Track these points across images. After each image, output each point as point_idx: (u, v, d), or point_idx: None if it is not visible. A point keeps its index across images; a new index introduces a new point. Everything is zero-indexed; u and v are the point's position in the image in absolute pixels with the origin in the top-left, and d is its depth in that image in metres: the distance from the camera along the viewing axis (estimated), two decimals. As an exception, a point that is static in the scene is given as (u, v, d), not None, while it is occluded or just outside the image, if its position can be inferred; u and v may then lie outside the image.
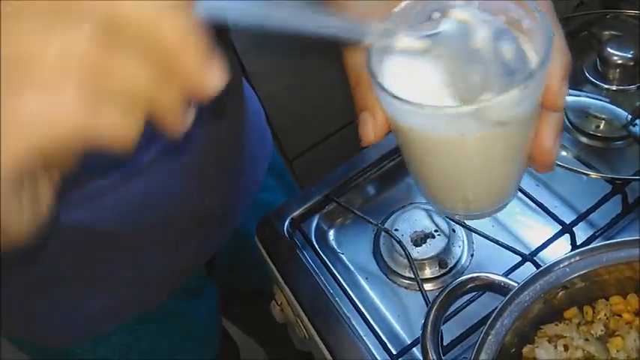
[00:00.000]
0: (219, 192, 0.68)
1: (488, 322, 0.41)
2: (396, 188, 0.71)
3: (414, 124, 0.30)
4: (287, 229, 0.68)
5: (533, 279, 0.42)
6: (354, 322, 0.60)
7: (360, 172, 0.70)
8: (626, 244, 0.44)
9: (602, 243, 0.43)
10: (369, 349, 0.57)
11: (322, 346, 0.61)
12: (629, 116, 0.68)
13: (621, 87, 0.65)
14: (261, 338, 1.07)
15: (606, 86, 0.65)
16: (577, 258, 0.43)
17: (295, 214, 0.68)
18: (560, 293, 0.43)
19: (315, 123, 1.16)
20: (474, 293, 0.54)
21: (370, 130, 0.33)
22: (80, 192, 0.51)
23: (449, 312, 0.54)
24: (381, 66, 0.32)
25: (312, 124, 1.16)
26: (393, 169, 0.71)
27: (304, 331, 0.65)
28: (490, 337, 0.40)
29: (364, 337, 0.58)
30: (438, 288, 0.61)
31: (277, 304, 0.70)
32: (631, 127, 0.67)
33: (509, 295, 0.41)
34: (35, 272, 0.54)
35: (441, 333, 0.53)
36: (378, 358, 0.56)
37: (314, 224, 0.69)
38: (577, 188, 0.61)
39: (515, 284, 0.42)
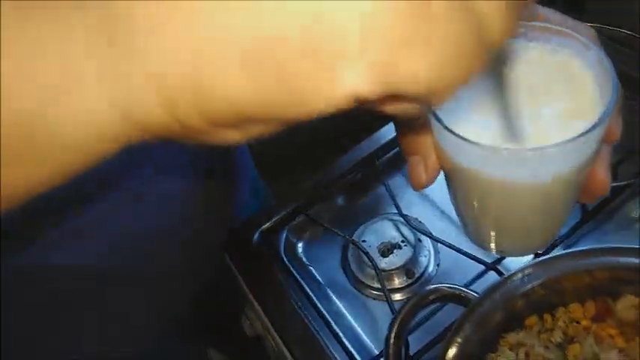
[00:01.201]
0: (207, 218, 0.66)
1: (450, 334, 0.42)
2: (364, 200, 0.72)
3: (485, 168, 0.29)
4: (256, 242, 0.68)
5: (493, 289, 0.43)
6: (322, 335, 0.60)
7: (329, 185, 0.71)
8: (583, 253, 0.45)
9: (560, 252, 0.45)
10: (335, 356, 0.58)
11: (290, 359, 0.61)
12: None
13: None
14: None
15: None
16: (536, 267, 0.44)
17: (264, 227, 0.68)
18: (520, 302, 0.45)
19: (287, 134, 1.16)
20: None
21: (422, 174, 0.32)
22: (61, 230, 0.49)
23: (416, 321, 0.55)
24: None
25: (284, 135, 1.16)
26: (361, 181, 0.72)
27: (274, 344, 0.65)
28: (452, 349, 0.41)
29: (332, 350, 0.59)
30: (406, 298, 0.62)
31: (247, 317, 0.70)
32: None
33: (469, 307, 0.42)
34: (20, 321, 0.52)
35: (408, 343, 0.54)
36: (343, 365, 0.57)
37: (283, 237, 0.69)
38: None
39: (475, 295, 0.43)
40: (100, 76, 0.19)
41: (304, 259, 0.68)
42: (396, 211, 0.65)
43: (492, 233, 0.36)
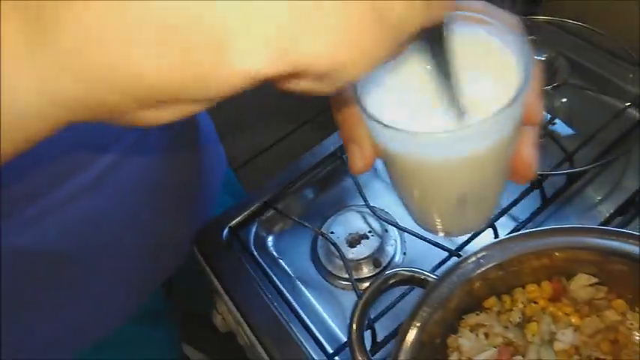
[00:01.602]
0: (173, 208, 0.67)
1: (409, 315, 0.43)
2: (332, 192, 0.73)
3: (409, 151, 0.30)
4: (226, 237, 0.69)
5: (450, 271, 0.44)
6: (292, 326, 0.61)
7: (298, 179, 0.72)
8: (538, 234, 0.47)
9: (516, 234, 0.46)
10: (307, 350, 0.59)
11: (262, 351, 0.62)
12: (549, 116, 0.73)
13: (538, 89, 0.69)
14: None
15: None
16: (492, 249, 0.46)
17: (234, 222, 0.69)
18: (477, 283, 0.46)
19: (260, 131, 1.17)
20: (405, 288, 0.57)
21: (359, 161, 0.33)
22: (24, 213, 0.50)
23: (383, 307, 0.57)
24: (368, 94, 0.31)
25: (256, 132, 1.17)
26: (329, 174, 0.73)
27: (246, 338, 0.66)
28: (411, 329, 0.43)
29: (302, 340, 0.60)
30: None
31: (218, 312, 0.71)
32: (550, 126, 0.72)
33: (427, 289, 0.44)
34: None
35: (375, 330, 0.55)
36: (313, 354, 0.58)
37: (253, 231, 0.70)
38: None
39: (434, 277, 0.44)
40: (23, 53, 0.19)
41: (274, 253, 0.69)
42: (364, 203, 0.66)
43: (431, 215, 0.38)
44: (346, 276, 0.64)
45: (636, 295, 0.47)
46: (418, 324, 0.43)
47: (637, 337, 0.46)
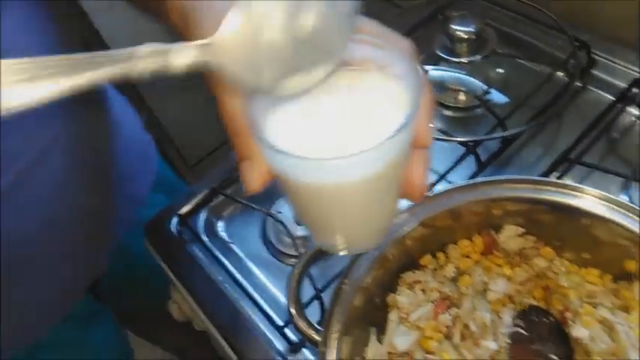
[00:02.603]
0: (88, 219, 0.66)
1: (344, 272, 0.45)
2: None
3: (299, 176, 0.30)
4: (175, 226, 0.70)
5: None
6: (247, 309, 0.63)
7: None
8: (465, 187, 0.49)
9: (442, 190, 0.49)
10: (259, 326, 0.60)
11: (218, 336, 0.63)
12: (484, 87, 0.76)
13: (470, 58, 0.73)
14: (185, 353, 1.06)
15: (456, 60, 0.73)
16: (420, 206, 0.48)
17: (182, 211, 0.70)
18: (410, 240, 0.49)
19: (213, 127, 1.18)
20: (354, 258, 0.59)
21: (254, 180, 0.32)
22: None
23: (330, 278, 0.59)
24: (265, 113, 0.31)
25: (209, 128, 1.18)
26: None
27: (202, 324, 0.67)
28: (346, 287, 0.45)
29: (257, 321, 0.61)
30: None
31: (174, 302, 0.72)
32: (485, 96, 0.75)
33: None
34: None
35: (322, 300, 0.57)
36: (266, 332, 0.59)
37: (202, 219, 0.71)
38: (437, 154, 0.67)
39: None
40: None
41: (225, 237, 0.71)
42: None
43: (326, 235, 0.38)
44: (296, 253, 0.65)
45: (563, 242, 0.50)
46: (353, 280, 0.45)
47: (564, 282, 0.49)
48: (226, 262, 0.65)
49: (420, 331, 0.48)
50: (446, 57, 0.73)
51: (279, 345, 0.59)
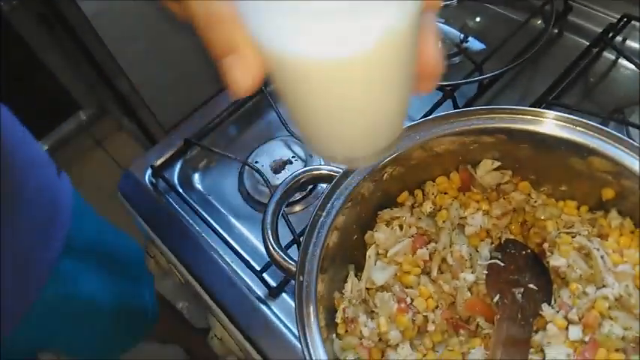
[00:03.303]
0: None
1: (319, 204, 0.44)
2: (255, 127, 0.73)
3: (291, 46, 0.25)
4: (149, 178, 0.68)
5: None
6: (226, 259, 0.62)
7: (219, 115, 0.72)
8: (439, 119, 0.48)
9: (416, 121, 0.48)
10: (238, 273, 0.60)
11: (198, 287, 0.62)
12: (462, 35, 0.75)
13: (445, 2, 0.72)
14: None
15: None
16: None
17: (156, 162, 0.69)
18: (385, 174, 0.48)
19: (188, 90, 1.16)
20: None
21: (243, 75, 0.26)
22: None
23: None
24: None
25: (184, 91, 1.16)
26: (251, 109, 0.74)
27: (179, 276, 0.66)
28: (321, 218, 0.44)
29: (233, 265, 0.61)
30: (302, 209, 0.64)
31: (150, 256, 0.71)
32: (464, 43, 0.74)
33: (336, 179, 0.45)
34: None
35: (300, 243, 0.56)
36: (246, 278, 0.59)
37: (177, 170, 0.70)
38: (413, 100, 0.66)
39: (340, 171, 0.45)
40: None
41: (202, 189, 0.69)
42: (287, 133, 0.67)
43: (324, 136, 0.32)
44: (273, 202, 0.64)
45: (539, 175, 0.50)
46: (327, 213, 0.44)
47: (542, 215, 0.49)
48: (204, 213, 0.64)
49: (398, 266, 0.48)
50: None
51: (259, 291, 0.58)
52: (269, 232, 0.44)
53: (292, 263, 0.44)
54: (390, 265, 0.48)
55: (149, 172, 0.68)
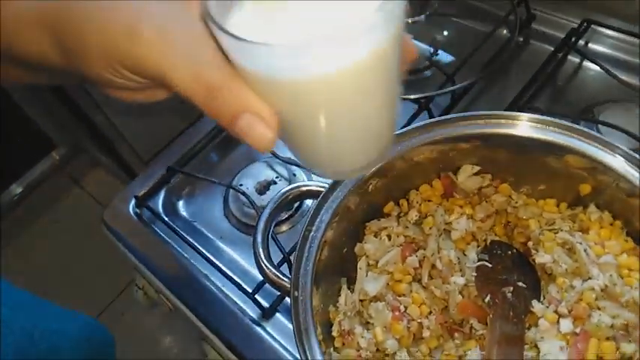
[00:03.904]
0: None
1: (308, 219, 0.45)
2: (237, 151, 0.74)
3: (284, 72, 0.26)
4: (133, 209, 0.68)
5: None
6: (218, 284, 0.62)
7: (200, 141, 0.72)
8: (418, 130, 0.49)
9: (396, 132, 0.49)
10: (229, 296, 0.60)
11: (189, 313, 0.62)
12: (432, 49, 0.78)
13: (413, 19, 0.74)
14: None
15: (402, 21, 0.74)
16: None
17: (140, 192, 0.69)
18: (370, 186, 0.49)
19: (166, 120, 1.16)
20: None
21: (266, 130, 0.27)
22: None
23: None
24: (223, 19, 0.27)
25: (162, 121, 1.16)
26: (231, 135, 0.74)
27: (169, 304, 0.66)
28: (311, 233, 0.45)
29: (224, 289, 0.61)
30: (289, 228, 0.65)
31: (139, 287, 0.70)
32: (434, 57, 0.77)
33: (322, 194, 0.46)
34: None
35: (290, 262, 0.57)
36: (238, 301, 0.59)
37: (161, 199, 0.70)
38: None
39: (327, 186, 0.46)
40: None
41: (187, 216, 0.69)
42: (270, 155, 0.68)
43: (314, 151, 0.33)
44: (260, 224, 0.65)
45: (518, 177, 0.52)
46: (317, 228, 0.45)
47: (524, 215, 0.50)
48: (191, 240, 0.64)
49: (389, 275, 0.49)
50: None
51: (253, 313, 0.58)
52: (260, 250, 0.45)
53: (286, 280, 0.44)
54: (381, 275, 0.49)
55: (133, 202, 0.68)
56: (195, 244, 0.64)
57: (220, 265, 0.61)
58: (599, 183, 0.46)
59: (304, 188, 0.48)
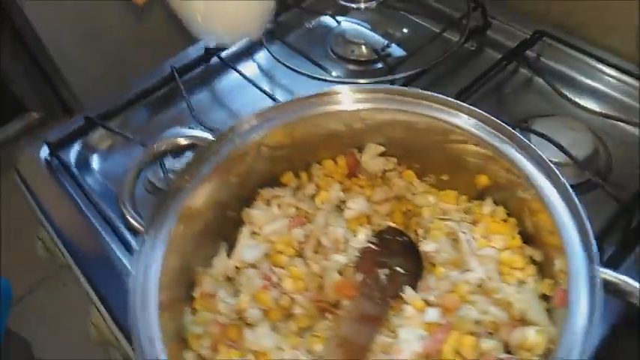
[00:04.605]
0: None
1: (183, 169, 0.43)
2: (166, 114, 0.72)
3: None
4: (45, 157, 0.66)
5: (226, 132, 0.45)
6: (115, 249, 0.59)
7: (130, 98, 0.70)
8: (326, 95, 0.47)
9: (300, 96, 0.47)
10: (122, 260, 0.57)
11: (78, 271, 0.59)
12: (385, 42, 0.76)
13: (366, 4, 0.73)
14: None
15: (354, 5, 0.73)
16: (272, 111, 0.46)
17: (52, 138, 0.66)
18: (266, 150, 0.47)
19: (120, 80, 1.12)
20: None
21: None
22: None
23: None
24: None
25: (116, 81, 1.12)
26: (163, 97, 0.72)
27: (63, 259, 0.63)
28: (184, 183, 0.42)
29: (118, 253, 0.57)
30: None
31: (39, 239, 0.68)
32: (386, 49, 0.75)
33: (204, 146, 0.44)
34: None
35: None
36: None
37: (75, 150, 0.67)
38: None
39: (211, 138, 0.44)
40: None
41: (99, 173, 0.67)
42: (196, 123, 0.66)
43: (199, 14, 0.37)
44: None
45: (424, 163, 0.50)
46: (194, 179, 0.43)
47: (419, 202, 0.48)
48: (99, 201, 0.61)
49: (271, 245, 0.46)
50: (344, 3, 0.73)
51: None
52: (125, 191, 0.43)
53: (142, 224, 0.42)
54: (262, 243, 0.46)
55: (44, 148, 0.66)
56: (105, 207, 0.61)
57: (120, 226, 0.58)
58: (493, 173, 0.44)
59: (182, 140, 0.46)
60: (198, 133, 0.46)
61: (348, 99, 0.47)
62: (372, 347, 0.38)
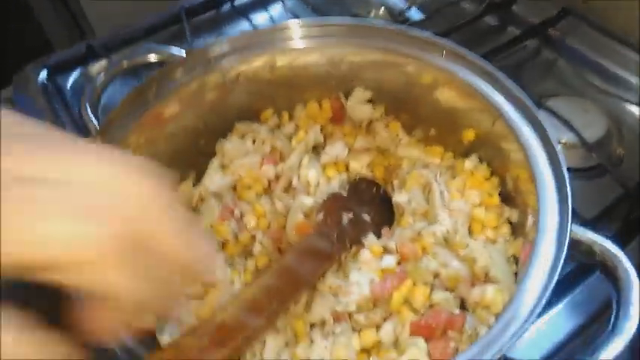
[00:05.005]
0: None
1: (151, 77, 0.41)
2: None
3: None
4: (42, 81, 0.65)
5: (194, 54, 0.43)
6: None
7: (137, 34, 0.69)
8: (310, 24, 0.45)
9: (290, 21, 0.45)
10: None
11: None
12: (407, 4, 0.73)
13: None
14: None
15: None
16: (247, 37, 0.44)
17: (51, 61, 0.65)
18: (241, 77, 0.45)
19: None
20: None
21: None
22: None
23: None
24: None
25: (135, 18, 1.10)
26: (169, 36, 0.71)
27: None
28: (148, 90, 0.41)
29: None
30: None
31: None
32: (405, 13, 0.72)
33: (175, 63, 0.42)
34: None
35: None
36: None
37: (73, 79, 0.66)
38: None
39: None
40: None
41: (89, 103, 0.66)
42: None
43: None
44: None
45: (411, 115, 0.47)
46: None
47: (401, 153, 0.46)
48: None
49: (238, 177, 0.44)
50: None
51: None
52: (87, 95, 0.41)
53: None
54: (229, 174, 0.44)
55: (44, 72, 0.65)
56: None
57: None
58: (479, 125, 0.41)
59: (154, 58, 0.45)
60: (173, 50, 0.44)
61: (340, 32, 0.45)
62: (314, 281, 0.36)
